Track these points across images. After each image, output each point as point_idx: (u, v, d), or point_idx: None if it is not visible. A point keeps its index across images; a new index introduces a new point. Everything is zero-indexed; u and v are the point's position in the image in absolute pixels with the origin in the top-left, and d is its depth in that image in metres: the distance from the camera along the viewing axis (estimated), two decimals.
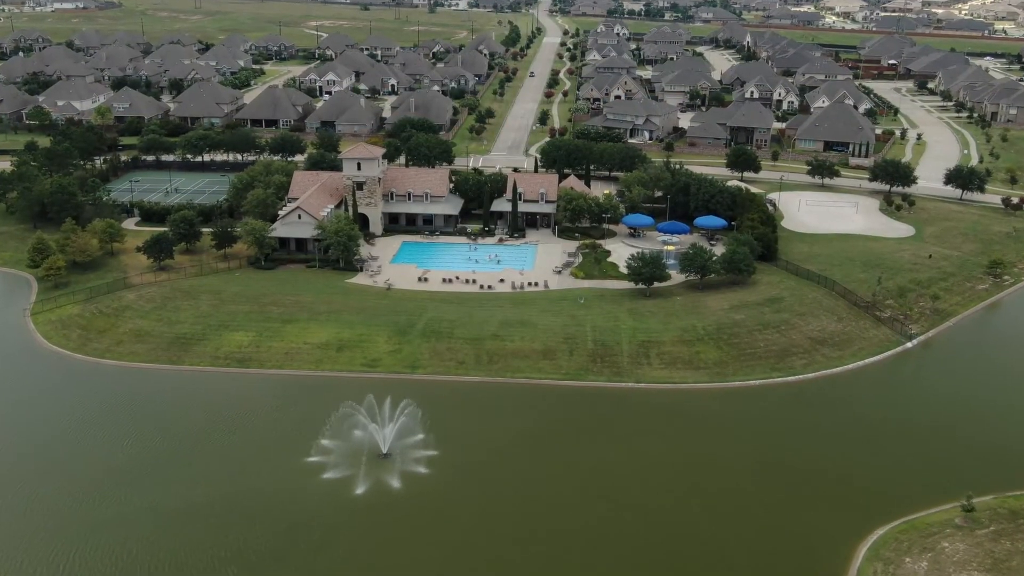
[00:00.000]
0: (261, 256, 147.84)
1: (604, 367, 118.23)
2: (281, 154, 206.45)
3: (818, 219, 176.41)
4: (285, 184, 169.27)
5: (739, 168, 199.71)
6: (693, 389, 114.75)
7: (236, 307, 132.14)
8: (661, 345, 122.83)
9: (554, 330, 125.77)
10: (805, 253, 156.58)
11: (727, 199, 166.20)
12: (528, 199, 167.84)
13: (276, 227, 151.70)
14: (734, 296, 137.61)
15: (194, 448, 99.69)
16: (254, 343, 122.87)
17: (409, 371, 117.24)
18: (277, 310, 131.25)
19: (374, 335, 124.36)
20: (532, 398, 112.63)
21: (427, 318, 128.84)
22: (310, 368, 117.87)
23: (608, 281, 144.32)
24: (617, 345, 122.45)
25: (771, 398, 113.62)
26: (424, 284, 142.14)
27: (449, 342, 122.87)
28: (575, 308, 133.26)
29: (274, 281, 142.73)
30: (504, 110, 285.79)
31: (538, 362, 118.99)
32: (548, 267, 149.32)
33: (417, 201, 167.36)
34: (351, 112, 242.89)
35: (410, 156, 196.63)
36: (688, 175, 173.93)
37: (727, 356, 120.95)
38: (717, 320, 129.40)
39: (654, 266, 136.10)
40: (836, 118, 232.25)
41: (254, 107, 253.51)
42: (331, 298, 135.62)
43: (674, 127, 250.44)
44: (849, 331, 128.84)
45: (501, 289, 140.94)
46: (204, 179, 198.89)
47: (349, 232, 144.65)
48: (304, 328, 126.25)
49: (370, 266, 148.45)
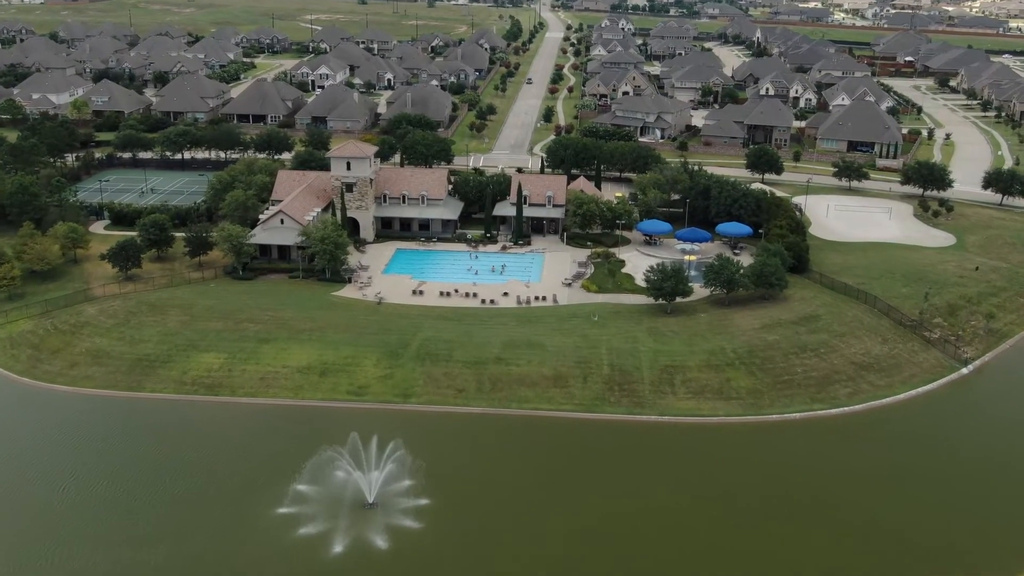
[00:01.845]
0: (238, 265, 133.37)
1: (623, 396, 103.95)
2: (267, 152, 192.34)
3: (848, 225, 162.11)
4: (268, 185, 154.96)
5: (759, 169, 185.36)
6: (725, 423, 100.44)
7: (207, 324, 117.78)
8: (686, 371, 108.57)
9: (565, 352, 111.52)
10: (838, 264, 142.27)
11: (751, 204, 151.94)
12: (534, 202, 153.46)
13: (256, 233, 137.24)
14: (765, 313, 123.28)
15: (147, 494, 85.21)
16: (226, 366, 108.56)
17: (401, 400, 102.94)
18: (253, 328, 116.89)
19: (362, 357, 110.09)
20: (541, 433, 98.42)
21: (422, 338, 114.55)
22: (288, 396, 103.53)
23: (623, 295, 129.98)
24: (637, 370, 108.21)
25: (814, 434, 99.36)
26: (419, 298, 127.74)
27: (446, 366, 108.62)
28: (588, 326, 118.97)
29: (252, 293, 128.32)
30: (506, 106, 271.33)
31: (547, 390, 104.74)
32: (557, 279, 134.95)
33: (412, 204, 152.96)
34: (344, 107, 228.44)
35: (406, 155, 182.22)
36: (709, 177, 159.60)
37: (762, 384, 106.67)
38: (748, 341, 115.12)
39: (677, 279, 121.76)
40: (860, 117, 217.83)
41: (241, 102, 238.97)
42: (315, 314, 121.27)
43: (687, 125, 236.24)
44: (896, 354, 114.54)
45: (505, 304, 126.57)
46: (183, 178, 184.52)
47: (336, 239, 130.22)
48: (283, 349, 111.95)
49: (359, 277, 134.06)
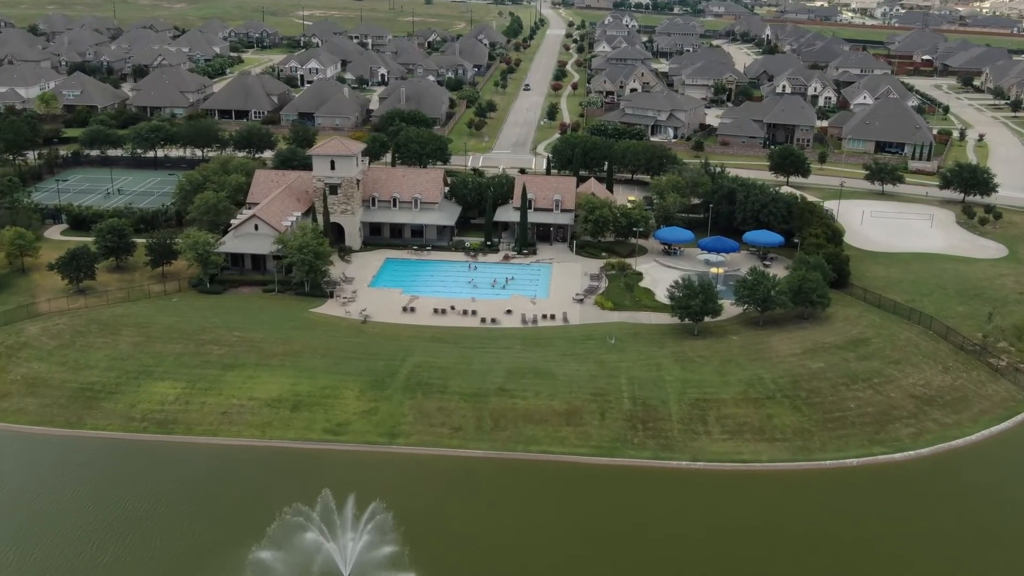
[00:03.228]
0: (205, 277, 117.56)
1: (648, 437, 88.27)
2: (248, 150, 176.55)
3: (887, 234, 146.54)
4: (244, 185, 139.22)
5: (784, 172, 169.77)
6: (770, 471, 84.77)
7: (165, 346, 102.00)
8: (721, 405, 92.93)
9: (579, 382, 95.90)
10: (882, 278, 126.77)
11: (782, 210, 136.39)
12: (540, 207, 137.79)
13: (226, 240, 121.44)
14: (806, 336, 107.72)
15: (67, 561, 69.57)
16: (183, 398, 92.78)
17: (386, 441, 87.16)
18: (218, 351, 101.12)
19: (342, 388, 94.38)
20: (552, 482, 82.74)
21: (412, 364, 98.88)
22: (254, 435, 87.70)
23: (643, 313, 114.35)
24: (663, 405, 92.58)
25: (877, 484, 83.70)
26: (410, 316, 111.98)
27: (440, 399, 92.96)
28: (604, 351, 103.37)
29: (219, 310, 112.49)
30: (507, 103, 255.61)
31: (559, 428, 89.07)
32: (567, 294, 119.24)
33: (404, 208, 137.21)
34: (333, 103, 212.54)
35: (398, 154, 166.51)
36: (733, 180, 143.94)
37: (809, 422, 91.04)
38: (789, 370, 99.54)
39: (705, 297, 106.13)
40: (889, 116, 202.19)
41: (223, 96, 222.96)
42: (289, 335, 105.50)
43: (700, 124, 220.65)
44: (961, 386, 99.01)
45: (508, 323, 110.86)
46: (155, 178, 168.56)
47: (316, 248, 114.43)
48: (251, 377, 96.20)
49: (343, 291, 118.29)
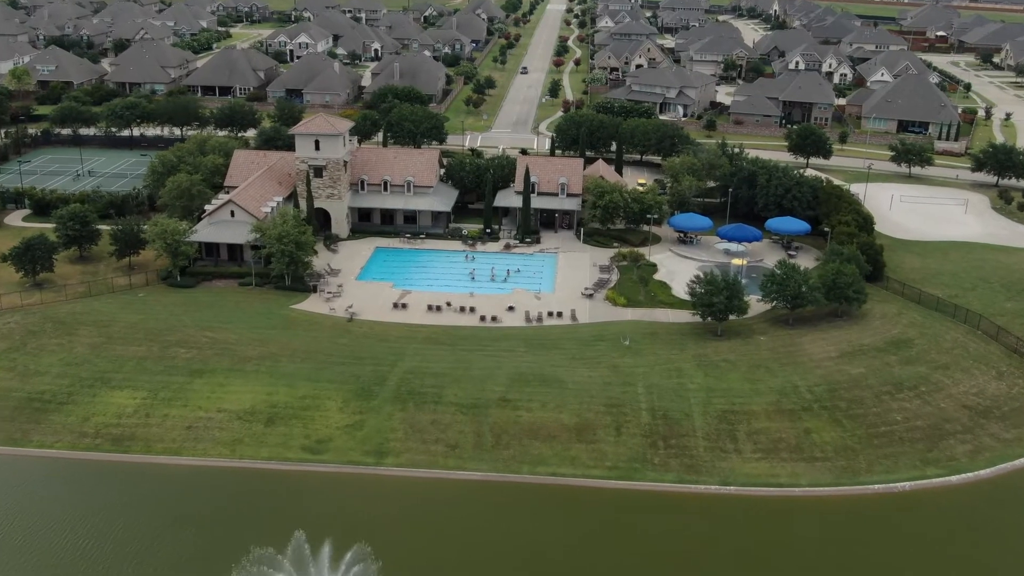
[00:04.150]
0: (175, 270, 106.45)
1: (670, 456, 77.62)
2: (230, 128, 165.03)
3: (919, 220, 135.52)
4: (223, 167, 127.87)
5: (804, 152, 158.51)
6: (811, 496, 74.16)
7: (126, 349, 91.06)
8: (752, 418, 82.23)
9: (591, 391, 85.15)
10: (918, 269, 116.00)
11: (807, 194, 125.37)
12: (544, 191, 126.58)
13: (198, 229, 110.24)
14: (841, 337, 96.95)
15: None
16: (143, 410, 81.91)
17: (372, 461, 76.42)
18: (185, 354, 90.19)
19: (323, 398, 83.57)
20: (562, 509, 72.17)
21: (403, 369, 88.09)
22: (221, 454, 76.93)
23: (659, 310, 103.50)
24: (686, 418, 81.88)
25: (934, 511, 73.25)
26: (401, 313, 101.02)
27: (435, 410, 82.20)
28: (618, 353, 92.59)
29: (190, 306, 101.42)
30: (506, 80, 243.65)
31: (569, 446, 78.38)
32: (574, 288, 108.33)
33: (396, 193, 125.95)
34: (322, 78, 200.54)
35: (390, 133, 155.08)
36: (753, 162, 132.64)
37: (853, 438, 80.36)
38: (826, 376, 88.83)
39: (731, 293, 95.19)
40: (912, 93, 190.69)
41: (206, 72, 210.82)
42: (266, 335, 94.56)
43: (711, 101, 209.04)
44: (1019, 395, 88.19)
45: (510, 321, 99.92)
46: (129, 159, 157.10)
47: (298, 237, 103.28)
48: (221, 385, 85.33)
49: (327, 284, 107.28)
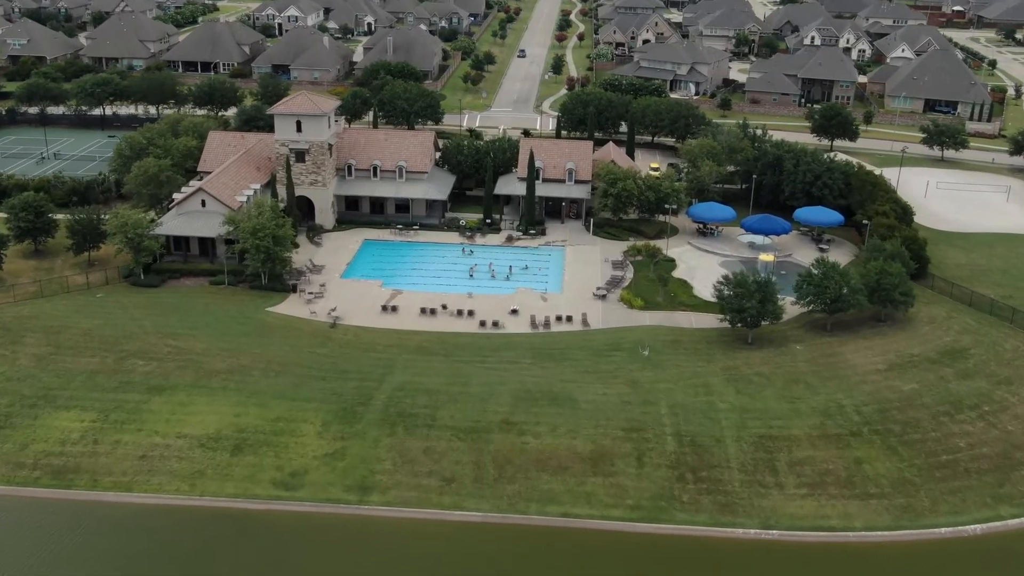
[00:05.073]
0: (138, 268, 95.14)
1: (701, 492, 66.81)
2: (210, 106, 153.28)
3: (957, 209, 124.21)
4: (196, 150, 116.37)
5: (828, 134, 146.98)
6: (867, 542, 63.39)
7: (77, 361, 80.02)
8: (793, 445, 71.40)
9: (607, 412, 74.29)
10: (963, 266, 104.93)
11: (838, 181, 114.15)
12: (550, 177, 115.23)
13: (164, 221, 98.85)
14: (887, 345, 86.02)
15: None
16: (91, 435, 70.96)
17: (355, 498, 65.57)
18: (144, 367, 79.16)
19: (300, 420, 72.63)
20: (576, 557, 61.47)
21: (392, 386, 77.15)
22: (179, 490, 66.01)
23: (680, 313, 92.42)
24: (718, 444, 71.06)
25: (1009, 562, 62.60)
26: (391, 317, 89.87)
27: (428, 435, 71.32)
28: (636, 365, 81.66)
29: (153, 309, 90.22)
30: (507, 56, 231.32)
31: (584, 479, 67.55)
32: (585, 287, 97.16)
33: (387, 179, 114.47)
34: (311, 53, 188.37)
35: (382, 112, 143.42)
36: (779, 145, 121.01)
37: (911, 469, 69.54)
38: (874, 393, 77.96)
39: (764, 296, 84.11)
40: (939, 70, 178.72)
41: (188, 46, 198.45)
42: (238, 344, 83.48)
43: (724, 79, 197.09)
44: None
45: (514, 327, 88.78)
46: (100, 140, 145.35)
47: (275, 231, 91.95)
48: (182, 405, 74.35)
49: (308, 283, 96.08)
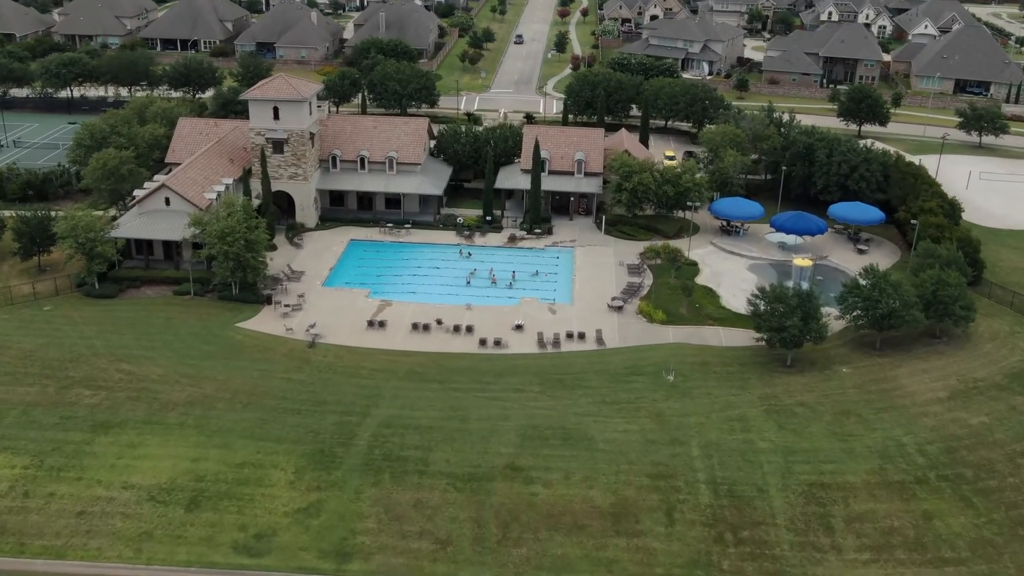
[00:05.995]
0: (92, 277, 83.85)
1: (744, 557, 55.95)
2: (186, 88, 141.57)
3: (1006, 203, 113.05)
4: (165, 139, 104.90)
5: (857, 118, 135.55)
6: None
7: (12, 390, 68.92)
8: (849, 495, 60.56)
9: (629, 453, 63.44)
10: (1021, 270, 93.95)
11: (876, 173, 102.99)
12: (556, 169, 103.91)
13: (121, 223, 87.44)
14: (946, 367, 75.18)
15: None
16: (22, 485, 59.97)
17: (332, 567, 54.69)
18: (90, 398, 68.15)
19: (269, 466, 61.69)
20: None
21: (378, 421, 66.23)
22: (123, 556, 55.04)
23: (707, 328, 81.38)
24: (760, 495, 60.23)
25: None
26: (379, 334, 78.68)
27: (419, 484, 60.42)
28: (660, 393, 70.76)
29: (107, 324, 79.09)
30: (506, 32, 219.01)
31: (604, 541, 56.68)
32: (598, 296, 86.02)
33: (376, 172, 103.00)
34: (298, 30, 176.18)
35: (372, 94, 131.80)
36: (809, 133, 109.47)
37: (990, 527, 58.68)
38: (938, 428, 67.13)
39: (807, 313, 73.03)
40: (970, 48, 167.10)
41: (166, 22, 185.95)
42: (200, 368, 72.42)
43: (738, 57, 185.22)
44: None
45: (519, 345, 77.66)
46: (65, 126, 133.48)
47: (246, 235, 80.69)
48: (132, 446, 63.35)
49: (285, 293, 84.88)
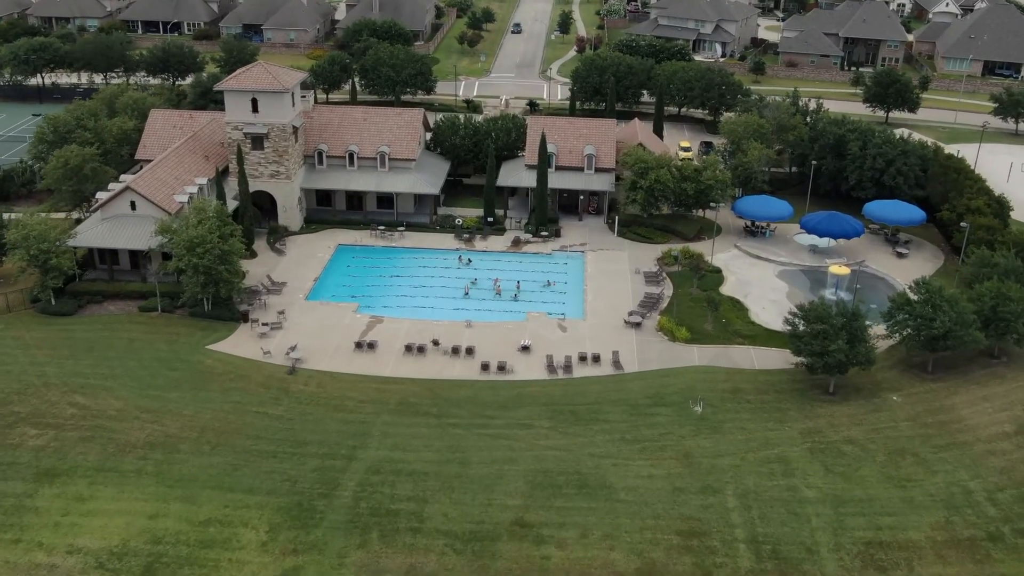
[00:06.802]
0: (46, 293, 75.02)
1: None
2: (165, 75, 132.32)
3: None
4: (135, 133, 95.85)
5: (885, 104, 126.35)
6: None
7: None
8: (913, 555, 52.02)
9: (655, 505, 54.88)
10: None
11: (914, 167, 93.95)
12: (564, 164, 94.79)
13: (81, 230, 78.49)
14: (1007, 392, 66.58)
15: None
16: None
17: None
18: (36, 439, 59.52)
19: (239, 523, 53.12)
20: None
21: (366, 466, 57.62)
22: None
23: (735, 347, 72.59)
24: (810, 556, 51.73)
25: None
26: (368, 357, 69.85)
27: (412, 544, 51.88)
28: (687, 427, 62.12)
29: (61, 348, 70.31)
30: (507, 12, 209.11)
31: None
32: (613, 309, 77.17)
33: (367, 168, 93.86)
34: (287, 11, 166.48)
35: (364, 81, 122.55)
36: (839, 123, 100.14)
37: None
38: (1007, 469, 58.56)
39: (853, 335, 64.18)
40: (1000, 28, 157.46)
41: (147, 3, 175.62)
42: (164, 400, 63.71)
43: (752, 38, 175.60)
44: None
45: (526, 371, 68.74)
46: (36, 116, 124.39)
47: (219, 245, 71.79)
48: (80, 500, 54.78)
49: (263, 307, 76.04)
